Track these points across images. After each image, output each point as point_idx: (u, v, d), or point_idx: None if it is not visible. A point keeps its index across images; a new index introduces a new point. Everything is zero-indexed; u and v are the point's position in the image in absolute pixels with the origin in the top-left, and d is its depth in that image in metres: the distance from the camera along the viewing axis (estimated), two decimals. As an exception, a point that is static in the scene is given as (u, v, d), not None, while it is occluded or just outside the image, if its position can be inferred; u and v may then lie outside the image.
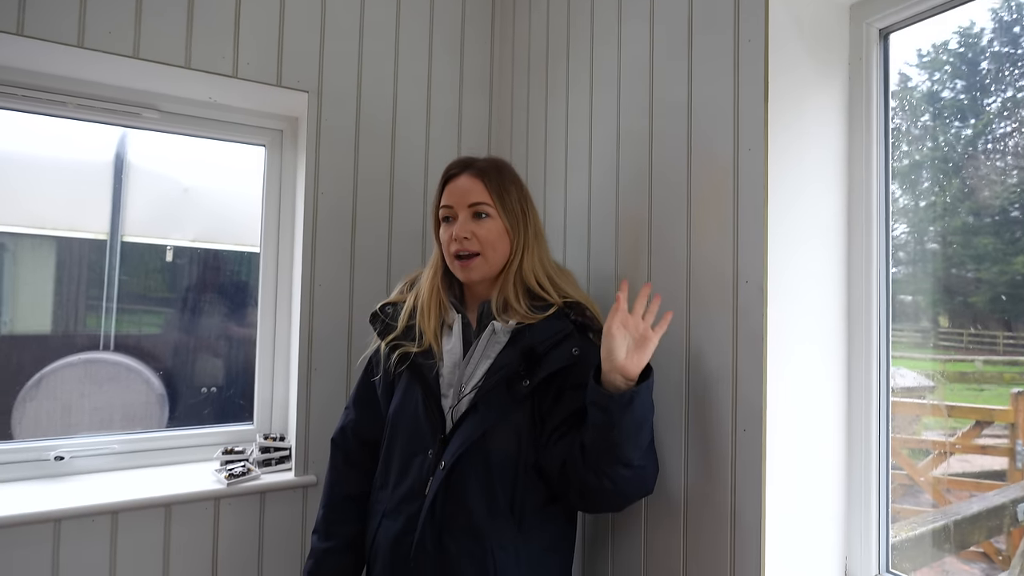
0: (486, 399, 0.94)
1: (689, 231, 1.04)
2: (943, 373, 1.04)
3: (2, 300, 1.40)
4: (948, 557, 1.03)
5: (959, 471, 1.09)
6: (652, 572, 1.09)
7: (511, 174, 1.06)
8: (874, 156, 1.00)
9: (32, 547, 1.14)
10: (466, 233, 1.00)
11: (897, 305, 1.01)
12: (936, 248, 1.02)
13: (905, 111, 1.03)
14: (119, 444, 1.40)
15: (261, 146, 1.59)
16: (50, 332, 1.47)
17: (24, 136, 1.41)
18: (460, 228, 1.00)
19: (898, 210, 1.02)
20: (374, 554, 1.00)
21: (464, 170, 1.03)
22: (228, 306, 1.65)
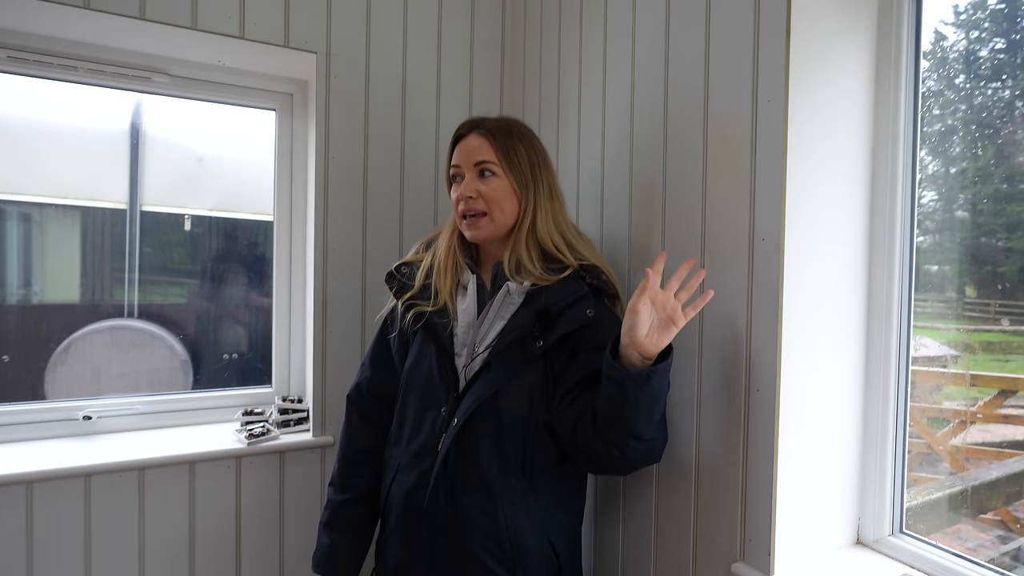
0: (499, 358, 0.95)
1: (704, 188, 1.01)
2: (967, 343, 1.02)
3: (32, 270, 1.44)
4: (963, 522, 1.02)
5: (980, 441, 1.08)
6: (663, 531, 1.11)
7: (522, 132, 1.04)
8: (902, 116, 0.95)
9: (65, 500, 1.20)
10: (471, 192, 1.00)
11: (922, 275, 0.97)
12: (965, 216, 0.98)
13: (939, 72, 0.97)
14: (143, 405, 1.44)
15: (271, 110, 1.58)
16: (79, 301, 1.50)
17: (42, 105, 1.42)
18: (465, 187, 1.00)
19: (927, 177, 0.98)
20: (388, 507, 1.03)
21: (472, 129, 1.03)
22: (247, 275, 1.67)
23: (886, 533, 0.98)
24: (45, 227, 1.48)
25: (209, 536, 1.33)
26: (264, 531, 1.38)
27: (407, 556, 0.98)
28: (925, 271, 0.98)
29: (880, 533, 0.98)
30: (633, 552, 1.18)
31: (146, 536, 1.27)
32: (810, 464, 0.93)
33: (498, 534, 0.93)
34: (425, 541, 0.96)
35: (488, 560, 0.93)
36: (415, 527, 0.97)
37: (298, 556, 1.42)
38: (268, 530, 1.39)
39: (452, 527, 0.95)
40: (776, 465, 0.88)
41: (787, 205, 0.88)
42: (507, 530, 0.93)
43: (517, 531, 0.94)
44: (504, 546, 0.93)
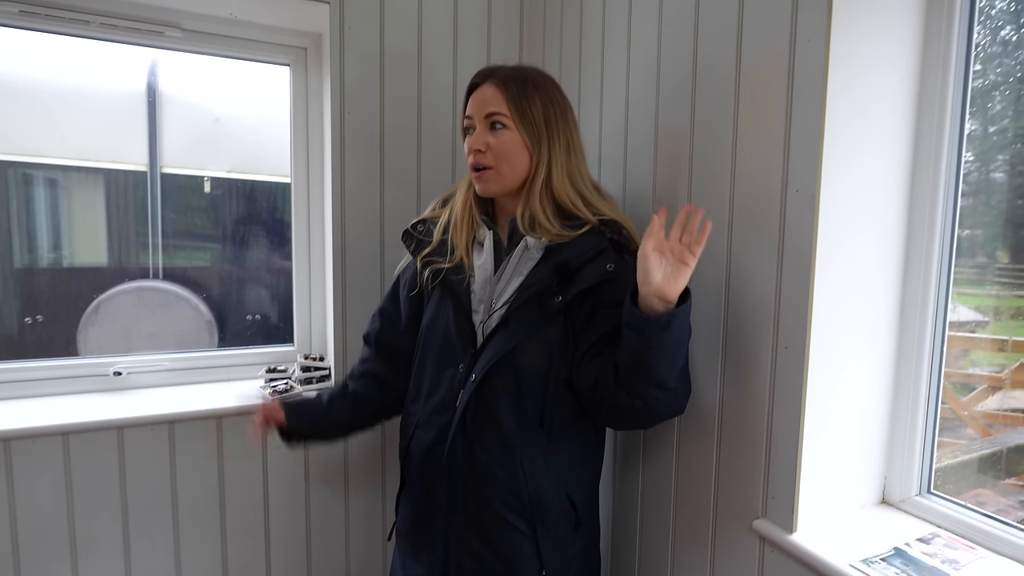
0: (517, 314, 0.93)
1: (735, 137, 0.96)
2: (998, 309, 0.97)
3: (61, 234, 1.45)
4: (986, 486, 1.00)
5: (1006, 407, 1.05)
6: (683, 487, 1.10)
7: (539, 82, 0.98)
8: (952, 62, 0.88)
9: (101, 451, 1.24)
10: (480, 145, 0.96)
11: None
12: (1002, 178, 0.93)
13: (982, 24, 0.89)
14: (171, 362, 1.48)
15: (285, 65, 1.55)
16: (106, 264, 1.52)
17: (60, 66, 1.41)
18: (475, 140, 0.97)
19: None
20: (407, 463, 1.04)
21: (486, 79, 0.98)
22: (267, 237, 1.67)
23: (913, 493, 0.97)
24: (71, 191, 1.49)
25: (238, 487, 1.37)
26: (290, 483, 1.42)
27: (426, 510, 1.00)
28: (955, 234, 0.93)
29: (907, 493, 0.97)
30: (652, 508, 1.18)
31: (178, 486, 1.31)
32: (837, 423, 0.91)
33: (517, 488, 0.94)
34: (444, 495, 0.98)
35: (506, 513, 0.95)
36: (434, 482, 0.99)
37: (324, 507, 1.46)
38: (294, 482, 1.43)
39: (471, 481, 0.96)
40: (803, 423, 0.87)
41: (824, 155, 0.83)
42: (526, 484, 0.94)
43: (536, 486, 0.95)
44: (523, 500, 0.94)
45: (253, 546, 1.39)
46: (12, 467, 1.17)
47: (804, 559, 0.85)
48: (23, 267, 1.42)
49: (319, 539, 1.46)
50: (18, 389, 1.34)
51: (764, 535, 0.92)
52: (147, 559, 1.30)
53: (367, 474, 1.50)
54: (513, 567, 0.95)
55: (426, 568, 1.00)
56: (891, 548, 0.85)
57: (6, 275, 1.40)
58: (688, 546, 1.10)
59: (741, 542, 0.98)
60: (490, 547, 0.96)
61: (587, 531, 1.04)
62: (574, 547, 1.00)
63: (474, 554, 0.96)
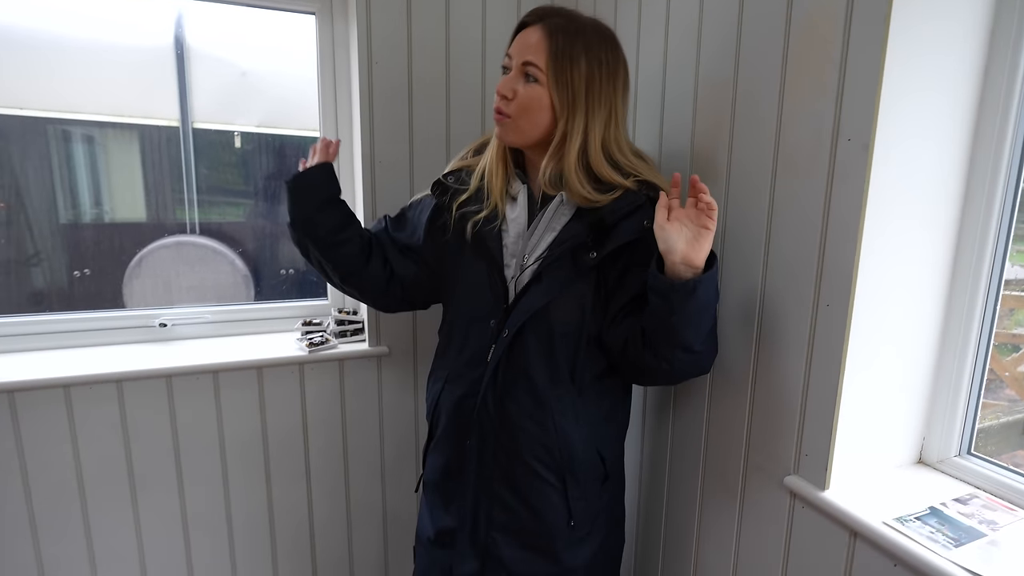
0: (550, 270, 0.92)
1: (783, 82, 0.91)
2: None
3: (101, 190, 1.49)
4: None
5: None
6: (713, 441, 1.11)
7: (592, 42, 0.89)
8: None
9: (152, 398, 1.31)
10: (507, 91, 0.91)
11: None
12: None
13: None
14: (212, 314, 1.53)
15: (311, 14, 1.51)
16: (145, 219, 1.56)
17: (89, 22, 1.40)
18: (503, 83, 0.92)
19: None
20: (436, 416, 1.05)
21: (537, 21, 0.90)
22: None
23: (952, 454, 0.95)
24: (107, 147, 1.51)
25: (279, 434, 1.44)
26: (328, 431, 1.48)
27: (456, 462, 1.02)
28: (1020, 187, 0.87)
29: (946, 453, 0.95)
30: (681, 460, 1.20)
31: (225, 433, 1.38)
32: (877, 382, 0.89)
33: (547, 441, 0.96)
34: (474, 448, 1.00)
35: (537, 466, 0.96)
36: (464, 435, 1.00)
37: (361, 454, 1.52)
38: (331, 430, 1.49)
39: (502, 434, 0.98)
40: (841, 383, 0.85)
41: (881, 101, 0.77)
42: (557, 438, 0.96)
43: (567, 439, 0.96)
44: (553, 453, 0.96)
45: (295, 488, 1.48)
46: (73, 412, 1.25)
47: (836, 516, 0.86)
48: (68, 222, 1.47)
49: (356, 480, 1.54)
50: (72, 339, 1.41)
51: (795, 491, 0.92)
52: (200, 498, 1.39)
53: (400, 423, 1.55)
54: (542, 518, 0.98)
55: (456, 519, 1.02)
56: (926, 507, 0.84)
57: (53, 230, 1.44)
58: (716, 499, 1.11)
59: (771, 497, 0.98)
60: (520, 498, 0.98)
61: (614, 484, 1.07)
62: (601, 500, 1.02)
63: (504, 505, 0.99)
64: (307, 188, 1.03)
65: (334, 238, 1.04)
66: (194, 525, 1.39)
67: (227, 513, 1.42)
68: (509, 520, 1.00)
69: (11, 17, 1.31)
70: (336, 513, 1.53)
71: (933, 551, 0.74)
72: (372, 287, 1.09)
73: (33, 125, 1.38)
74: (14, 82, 1.34)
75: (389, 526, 1.59)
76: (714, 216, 0.82)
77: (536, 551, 1.00)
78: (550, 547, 0.99)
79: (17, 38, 1.32)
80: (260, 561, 1.48)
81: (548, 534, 0.99)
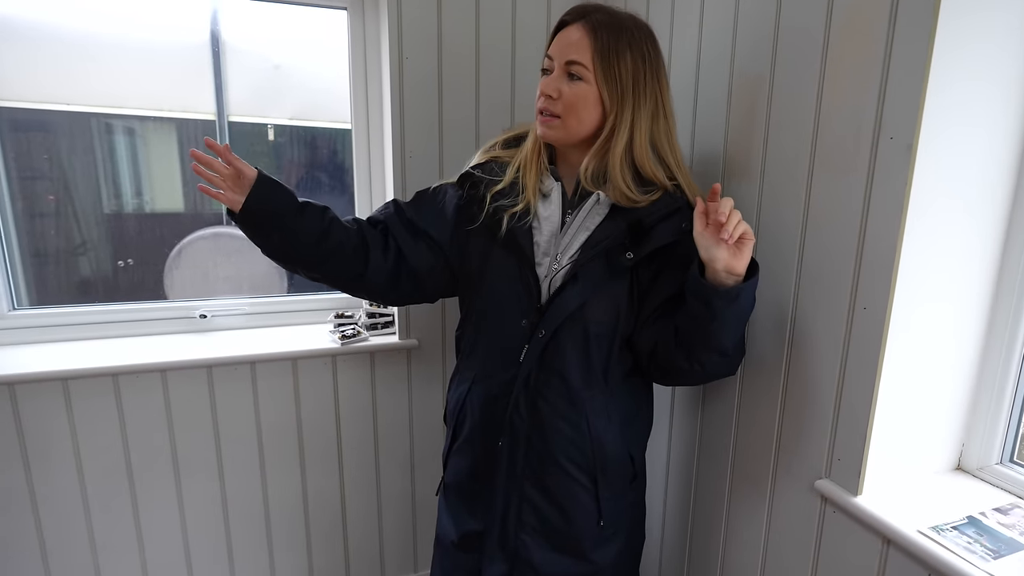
0: (585, 270, 0.92)
1: (822, 79, 0.88)
2: None
3: (142, 182, 1.54)
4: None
5: None
6: (742, 444, 1.10)
7: (635, 36, 0.88)
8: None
9: (193, 388, 1.37)
10: (552, 91, 0.90)
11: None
12: None
13: None
14: (249, 306, 1.58)
15: (343, 9, 1.53)
16: (183, 210, 1.61)
17: (130, 21, 1.44)
18: (547, 84, 0.91)
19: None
20: (462, 417, 1.03)
21: (578, 19, 0.89)
22: (329, 182, 1.71)
23: (993, 461, 0.93)
24: (148, 140, 1.56)
25: (313, 424, 1.48)
26: (360, 422, 1.52)
27: (484, 464, 1.00)
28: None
29: (986, 461, 0.93)
30: (709, 460, 1.19)
31: (261, 422, 1.43)
32: (914, 387, 0.87)
33: (581, 442, 0.96)
34: (505, 449, 0.98)
35: (569, 467, 0.96)
36: (495, 436, 0.98)
37: (391, 444, 1.56)
38: (363, 421, 1.53)
39: (534, 436, 0.97)
40: (877, 388, 0.83)
41: (926, 100, 0.75)
42: (590, 439, 0.95)
43: (600, 440, 0.96)
44: (586, 454, 0.96)
45: (329, 476, 1.52)
46: (121, 399, 1.31)
47: (868, 522, 0.85)
48: (112, 213, 1.53)
49: (387, 470, 1.58)
50: (118, 329, 1.48)
51: (826, 495, 0.91)
52: (238, 484, 1.45)
53: (429, 414, 1.59)
54: (572, 519, 0.98)
55: (481, 523, 1.02)
56: (964, 516, 0.82)
57: (98, 221, 1.51)
58: (745, 500, 1.11)
59: (801, 500, 0.98)
60: (551, 500, 0.98)
61: (640, 483, 1.07)
62: (627, 499, 1.03)
63: (535, 507, 0.98)
64: (259, 215, 0.89)
65: (317, 251, 0.93)
66: (233, 509, 1.45)
67: (264, 498, 1.48)
68: (539, 523, 0.99)
69: (57, 18, 1.36)
70: (367, 501, 1.58)
71: (970, 562, 0.73)
72: (378, 286, 1.00)
73: (79, 120, 1.44)
74: (61, 79, 1.40)
75: (418, 516, 1.64)
76: (746, 226, 0.81)
77: (565, 552, 1.00)
78: (579, 547, 0.99)
79: (63, 38, 1.37)
80: (296, 545, 1.53)
81: (578, 535, 0.99)
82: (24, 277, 1.44)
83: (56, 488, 1.30)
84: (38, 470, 1.28)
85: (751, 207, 1.03)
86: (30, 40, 1.35)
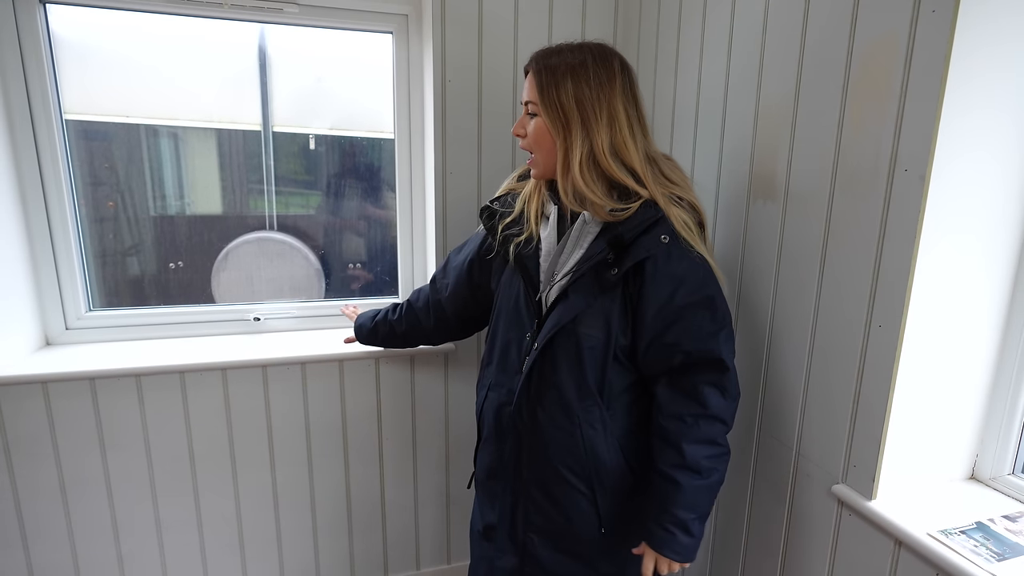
0: (576, 286, 0.97)
1: (842, 114, 0.95)
2: None
3: (195, 189, 1.66)
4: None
5: None
6: (764, 449, 1.17)
7: (574, 64, 0.95)
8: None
9: (249, 386, 1.48)
10: (519, 131, 1.02)
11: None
12: None
13: None
14: (298, 310, 1.69)
15: (388, 33, 1.63)
16: (230, 215, 1.73)
17: (184, 40, 1.56)
18: (516, 126, 1.03)
19: None
20: (482, 420, 1.14)
21: (530, 66, 1.00)
22: (365, 189, 1.80)
23: (1006, 471, 0.98)
24: (198, 150, 1.68)
25: (357, 420, 1.59)
26: (399, 420, 1.63)
27: (498, 463, 1.10)
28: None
29: (999, 471, 0.98)
30: (732, 467, 1.25)
31: (310, 417, 1.55)
32: (928, 400, 0.93)
33: (575, 450, 1.01)
34: (512, 452, 1.07)
35: (566, 473, 1.02)
36: (504, 439, 1.08)
37: (428, 442, 1.66)
38: (402, 419, 1.63)
39: (534, 441, 1.04)
40: (891, 401, 0.89)
41: (939, 134, 0.81)
42: (584, 449, 1.00)
43: (594, 449, 1.00)
44: (582, 462, 1.01)
45: (370, 470, 1.63)
46: (187, 394, 1.44)
47: (881, 525, 0.91)
48: (163, 217, 1.64)
49: (424, 466, 1.68)
50: (181, 329, 1.60)
51: (843, 499, 0.98)
52: (288, 476, 1.56)
53: (463, 415, 1.68)
54: (573, 523, 1.04)
55: (498, 516, 1.11)
56: (973, 522, 0.88)
57: (151, 226, 1.62)
58: (766, 503, 1.17)
59: (819, 503, 1.04)
60: (552, 502, 1.04)
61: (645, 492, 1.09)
62: (632, 507, 1.05)
63: (538, 507, 1.05)
64: (363, 340, 1.48)
65: (401, 343, 1.44)
66: (283, 497, 1.57)
67: (311, 489, 1.59)
68: (543, 523, 1.06)
69: (117, 38, 1.48)
70: (405, 494, 1.68)
71: (975, 564, 0.79)
72: (452, 337, 1.40)
73: (136, 131, 1.57)
74: (120, 93, 1.52)
75: (452, 509, 1.73)
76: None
77: (571, 555, 1.06)
78: (585, 552, 1.05)
79: (122, 56, 1.50)
80: (338, 534, 1.64)
81: (581, 539, 1.04)
82: (93, 280, 1.57)
83: (127, 474, 1.43)
84: (113, 457, 1.42)
85: (775, 224, 1.10)
86: (95, 60, 1.47)
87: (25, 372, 1.32)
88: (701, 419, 0.96)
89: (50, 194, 1.46)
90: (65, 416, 1.37)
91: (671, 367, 0.98)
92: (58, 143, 1.45)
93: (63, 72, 1.45)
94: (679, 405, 0.98)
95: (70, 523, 1.42)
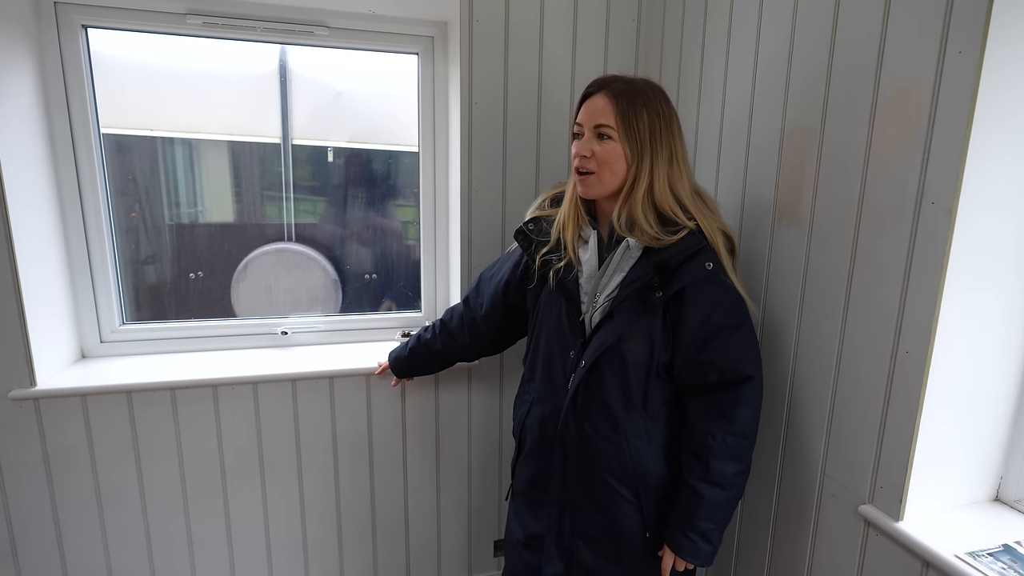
0: (621, 307, 1.03)
1: (869, 145, 0.98)
2: None
3: (215, 199, 1.70)
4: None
5: None
6: (788, 468, 1.19)
7: (648, 98, 1.03)
8: None
9: (279, 399, 1.52)
10: (586, 151, 1.04)
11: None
12: None
13: None
14: (324, 324, 1.73)
15: (414, 54, 1.67)
16: (248, 225, 1.76)
17: (207, 56, 1.59)
18: (581, 146, 1.05)
19: None
20: (524, 434, 1.19)
21: (600, 89, 1.04)
22: (381, 201, 1.83)
23: (1029, 494, 1.00)
24: (221, 162, 1.71)
25: (383, 433, 1.62)
26: (423, 433, 1.66)
27: (543, 474, 1.15)
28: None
29: (1023, 494, 1.00)
30: (757, 484, 1.28)
31: (337, 430, 1.58)
32: (954, 424, 0.95)
33: (622, 460, 1.07)
34: (558, 463, 1.13)
35: (613, 482, 1.08)
36: (549, 450, 1.14)
37: (451, 455, 1.69)
38: (426, 432, 1.66)
39: (581, 453, 1.10)
40: (918, 425, 0.92)
41: (965, 171, 0.84)
42: (631, 458, 1.07)
43: (640, 458, 1.07)
44: (628, 471, 1.07)
45: (394, 482, 1.66)
46: (219, 407, 1.47)
47: (908, 546, 0.93)
48: (183, 227, 1.67)
49: (446, 478, 1.70)
50: (211, 343, 1.64)
51: (870, 520, 1.00)
52: (315, 486, 1.59)
53: (486, 428, 1.71)
54: (619, 528, 1.10)
55: (543, 526, 1.16)
56: (1000, 544, 0.90)
57: (172, 237, 1.65)
58: (790, 522, 1.19)
59: (845, 523, 1.06)
60: (599, 510, 1.10)
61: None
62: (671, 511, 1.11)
63: (585, 516, 1.12)
64: (400, 372, 1.50)
65: (438, 360, 1.46)
66: (309, 507, 1.60)
67: (336, 499, 1.62)
68: (590, 530, 1.11)
69: (141, 53, 1.52)
70: (428, 506, 1.71)
71: (1004, 586, 0.81)
72: (483, 351, 1.44)
73: (159, 144, 1.61)
74: (144, 107, 1.56)
75: (473, 522, 1.76)
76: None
77: (616, 560, 1.12)
78: (631, 558, 1.11)
79: (146, 70, 1.54)
80: (363, 542, 1.67)
81: (626, 544, 1.10)
82: (125, 292, 1.61)
83: (161, 485, 1.47)
84: (148, 468, 1.45)
85: (800, 251, 1.13)
86: (122, 76, 1.51)
87: (66, 385, 1.35)
88: (729, 436, 1.03)
89: (87, 208, 1.50)
90: (103, 428, 1.40)
91: (705, 383, 1.05)
92: (95, 156, 1.49)
93: (98, 87, 1.49)
94: (710, 421, 1.04)
95: (105, 533, 1.45)
